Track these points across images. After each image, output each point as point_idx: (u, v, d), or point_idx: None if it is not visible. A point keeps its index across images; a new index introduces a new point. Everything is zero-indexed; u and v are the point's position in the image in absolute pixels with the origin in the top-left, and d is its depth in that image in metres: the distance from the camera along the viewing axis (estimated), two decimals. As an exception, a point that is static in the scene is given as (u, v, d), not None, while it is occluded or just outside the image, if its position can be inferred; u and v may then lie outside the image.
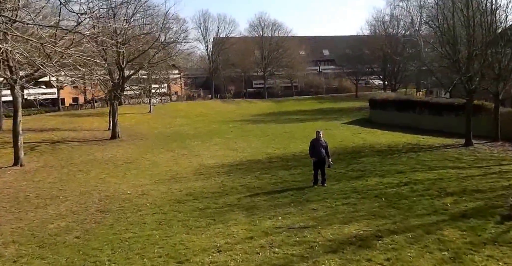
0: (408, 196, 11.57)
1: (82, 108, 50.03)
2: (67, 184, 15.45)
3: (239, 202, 11.65)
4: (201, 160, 19.57)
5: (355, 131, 27.91)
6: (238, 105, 56.72)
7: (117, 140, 27.98)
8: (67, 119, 37.62)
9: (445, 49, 20.70)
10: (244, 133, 30.38)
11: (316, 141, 13.16)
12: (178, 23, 57.18)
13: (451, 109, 25.72)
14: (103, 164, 19.60)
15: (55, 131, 31.48)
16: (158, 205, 11.77)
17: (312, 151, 13.11)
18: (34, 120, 36.62)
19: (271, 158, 19.21)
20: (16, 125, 19.96)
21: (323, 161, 13.03)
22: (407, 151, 19.49)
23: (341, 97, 65.65)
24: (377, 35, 60.70)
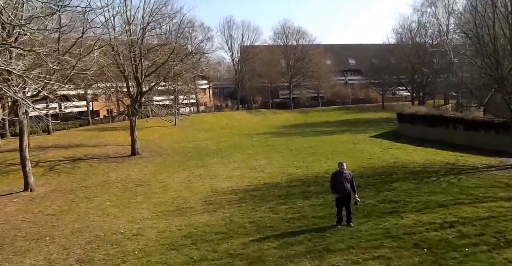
0: (457, 245, 8.59)
1: (115, 120, 48.91)
2: (65, 217, 13.34)
3: (244, 249, 9.03)
4: (215, 182, 17.09)
5: (384, 147, 24.69)
6: (264, 116, 54.16)
7: (136, 156, 26.03)
8: (95, 133, 36.29)
9: (485, 63, 17.24)
10: (267, 147, 27.75)
11: (339, 174, 10.33)
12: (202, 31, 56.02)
13: (489, 126, 22.14)
14: (113, 187, 17.49)
15: (80, 147, 30.01)
16: (148, 252, 9.32)
17: (334, 186, 10.30)
18: (63, 136, 35.55)
19: (291, 180, 16.48)
20: (22, 150, 18.18)
21: (348, 197, 10.21)
22: (446, 172, 16.28)
23: (367, 107, 61.81)
24: (403, 44, 56.53)
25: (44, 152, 27.95)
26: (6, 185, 19.57)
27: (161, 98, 48.86)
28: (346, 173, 10.32)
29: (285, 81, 66.14)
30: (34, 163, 24.35)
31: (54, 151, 28.52)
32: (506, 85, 15.88)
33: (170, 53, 25.78)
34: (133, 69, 26.19)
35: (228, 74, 73.93)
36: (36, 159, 25.60)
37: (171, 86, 40.32)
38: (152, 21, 26.38)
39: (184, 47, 29.78)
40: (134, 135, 26.52)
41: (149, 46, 27.24)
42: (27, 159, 18.40)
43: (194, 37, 49.67)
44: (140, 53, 26.07)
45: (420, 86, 52.78)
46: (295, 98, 68.63)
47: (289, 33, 67.68)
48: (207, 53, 35.33)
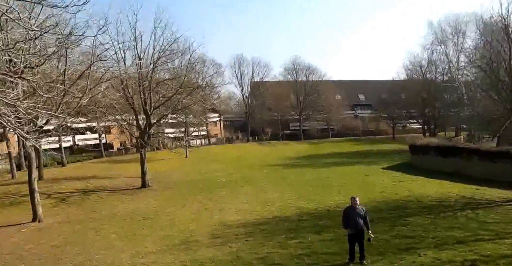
0: (481, 286, 7.82)
1: (128, 152, 48.94)
2: (70, 249, 12.88)
3: (251, 289, 8.39)
4: (224, 215, 16.50)
5: (396, 179, 23.88)
6: (274, 148, 53.73)
7: (146, 188, 25.66)
8: (107, 166, 36.27)
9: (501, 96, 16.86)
10: (277, 180, 27.12)
11: (352, 209, 9.76)
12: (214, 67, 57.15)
13: (505, 156, 21.34)
14: (120, 220, 17.02)
15: (92, 179, 29.88)
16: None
17: (347, 222, 9.70)
18: (77, 168, 35.61)
19: (301, 214, 15.81)
20: (31, 183, 18.02)
21: (361, 233, 9.58)
22: (463, 207, 15.44)
23: (378, 139, 61.01)
24: (414, 80, 56.65)
25: (58, 184, 27.90)
26: (16, 215, 19.32)
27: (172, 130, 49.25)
28: (359, 208, 9.75)
29: (295, 115, 66.23)
30: (47, 195, 24.28)
31: (67, 182, 28.44)
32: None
33: (179, 87, 26.01)
34: (142, 102, 26.35)
35: (239, 108, 74.58)
36: (50, 191, 25.52)
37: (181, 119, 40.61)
38: (162, 56, 26.85)
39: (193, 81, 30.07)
40: (144, 167, 26.30)
41: (158, 80, 27.56)
42: (35, 191, 18.19)
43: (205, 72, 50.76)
44: (149, 87, 26.32)
45: (431, 119, 52.21)
46: (305, 130, 68.35)
47: (299, 70, 68.45)
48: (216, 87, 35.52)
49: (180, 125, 46.60)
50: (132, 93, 26.16)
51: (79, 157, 43.20)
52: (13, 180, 29.77)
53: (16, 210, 20.90)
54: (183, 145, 42.40)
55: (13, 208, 21.40)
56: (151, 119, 27.04)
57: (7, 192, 25.83)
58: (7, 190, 26.29)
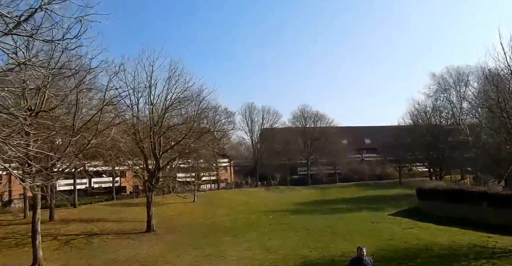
0: None
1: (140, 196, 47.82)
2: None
3: None
4: (224, 264, 15.20)
5: (405, 226, 22.35)
6: (282, 193, 52.14)
7: (151, 233, 24.44)
8: (117, 209, 35.20)
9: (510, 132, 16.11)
10: (283, 226, 25.68)
11: (359, 261, 8.70)
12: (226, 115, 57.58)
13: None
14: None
15: (99, 222, 28.79)
16: None
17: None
18: (87, 210, 34.64)
19: (305, 263, 14.47)
20: (34, 224, 17.18)
21: None
22: (476, 256, 14.02)
23: (384, 184, 59.09)
24: (419, 125, 56.18)
25: (66, 225, 26.94)
26: (18, 258, 18.33)
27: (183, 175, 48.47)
28: (367, 259, 8.68)
29: (303, 159, 65.32)
30: (53, 236, 23.38)
31: (75, 224, 27.47)
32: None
33: (188, 132, 25.78)
34: (151, 146, 26.03)
35: (249, 153, 74.09)
36: (56, 232, 24.58)
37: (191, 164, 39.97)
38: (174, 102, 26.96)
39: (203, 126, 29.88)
40: (150, 211, 25.30)
41: (168, 125, 27.46)
42: (38, 233, 17.28)
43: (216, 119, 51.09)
44: (159, 131, 26.19)
45: (437, 162, 50.84)
46: (313, 174, 66.94)
47: (307, 117, 68.82)
48: (225, 132, 35.29)
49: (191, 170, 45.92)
50: (143, 137, 25.99)
51: (91, 199, 42.50)
52: (24, 220, 28.91)
53: (20, 252, 19.89)
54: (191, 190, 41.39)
55: (18, 250, 20.43)
56: (160, 163, 26.49)
57: (16, 231, 24.96)
58: (16, 230, 25.40)
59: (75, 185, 37.76)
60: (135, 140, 25.37)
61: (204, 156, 39.34)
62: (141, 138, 25.74)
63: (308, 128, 66.55)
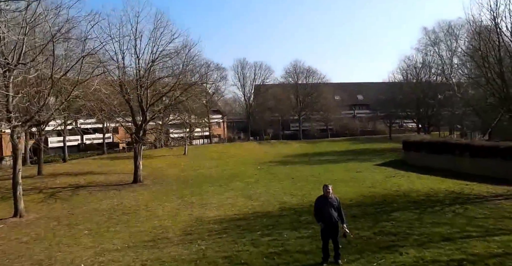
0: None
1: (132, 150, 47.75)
2: (36, 246, 11.52)
3: (204, 293, 6.98)
4: (204, 211, 15.09)
5: (387, 175, 22.34)
6: (273, 147, 52.18)
7: (137, 184, 24.31)
8: (106, 162, 35.02)
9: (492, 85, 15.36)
10: (268, 175, 25.69)
11: (324, 199, 8.35)
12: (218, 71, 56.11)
13: (496, 152, 19.71)
14: (98, 215, 15.65)
15: (87, 175, 28.62)
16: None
17: (319, 214, 8.28)
18: (76, 164, 34.38)
19: (283, 209, 14.38)
20: (15, 175, 16.70)
21: (335, 227, 8.13)
22: (451, 202, 13.92)
23: (375, 139, 59.22)
24: (409, 81, 55.09)
25: (53, 179, 26.68)
26: (1, 210, 18.09)
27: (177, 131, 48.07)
28: (332, 197, 8.31)
29: (295, 115, 64.80)
30: (39, 189, 23.12)
31: (63, 178, 27.19)
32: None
33: (174, 84, 24.88)
34: (138, 99, 25.20)
35: (242, 110, 73.35)
36: (43, 186, 24.33)
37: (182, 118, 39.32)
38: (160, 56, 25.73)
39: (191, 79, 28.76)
40: (137, 162, 24.99)
41: (155, 78, 26.46)
42: (19, 184, 16.87)
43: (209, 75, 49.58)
44: (146, 84, 25.26)
45: (425, 118, 50.57)
46: (304, 130, 66.89)
47: (299, 72, 67.19)
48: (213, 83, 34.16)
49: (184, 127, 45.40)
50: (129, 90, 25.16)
51: (83, 155, 42.47)
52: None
53: (5, 205, 19.64)
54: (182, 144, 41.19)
55: (3, 203, 20.19)
56: (146, 116, 25.80)
57: (3, 186, 24.73)
58: (4, 185, 25.17)
59: (65, 140, 37.25)
60: (121, 92, 24.56)
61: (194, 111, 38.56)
62: (127, 90, 24.90)
63: (301, 85, 65.31)
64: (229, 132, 70.58)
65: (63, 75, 17.64)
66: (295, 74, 66.88)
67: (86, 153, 44.97)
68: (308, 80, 66.77)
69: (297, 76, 66.99)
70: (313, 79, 67.40)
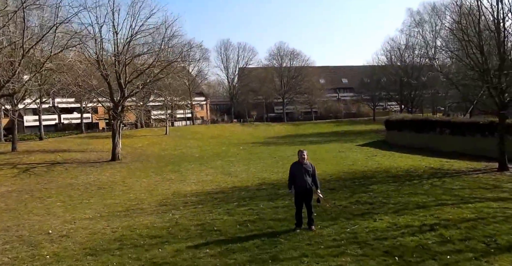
0: (437, 252, 6.45)
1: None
2: (4, 215, 11.26)
3: (174, 257, 6.86)
4: (182, 186, 14.95)
5: (369, 154, 22.55)
6: (256, 128, 52.07)
7: (115, 162, 23.94)
8: (85, 140, 34.29)
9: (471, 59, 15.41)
10: (251, 155, 25.64)
11: (299, 165, 8.28)
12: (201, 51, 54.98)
13: (476, 129, 20.12)
14: (74, 189, 15.37)
15: (65, 152, 28.01)
16: (61, 257, 7.19)
17: (293, 180, 8.22)
18: (53, 142, 33.59)
19: (262, 184, 14.35)
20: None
21: (309, 192, 8.10)
22: (429, 176, 14.14)
23: (359, 121, 59.78)
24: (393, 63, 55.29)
25: (28, 155, 26.03)
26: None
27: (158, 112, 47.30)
28: (307, 163, 8.24)
29: (279, 98, 64.59)
30: (13, 165, 22.60)
31: (38, 155, 26.57)
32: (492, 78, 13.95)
33: (153, 60, 24.32)
34: (116, 75, 24.54)
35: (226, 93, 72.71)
36: (17, 162, 23.75)
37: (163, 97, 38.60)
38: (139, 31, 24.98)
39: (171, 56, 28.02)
40: (115, 139, 24.52)
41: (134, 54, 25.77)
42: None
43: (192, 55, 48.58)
44: (124, 61, 24.60)
45: (409, 100, 51.20)
46: (289, 113, 66.92)
47: (284, 55, 66.61)
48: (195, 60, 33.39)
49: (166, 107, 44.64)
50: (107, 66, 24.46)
51: (61, 134, 41.57)
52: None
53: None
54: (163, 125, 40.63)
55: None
56: (125, 92, 25.18)
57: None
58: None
59: (41, 118, 36.25)
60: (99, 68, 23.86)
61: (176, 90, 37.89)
62: (105, 66, 24.20)
63: (285, 68, 64.90)
64: (213, 114, 70.03)
65: (35, 45, 16.93)
66: (279, 57, 66.35)
67: (63, 132, 44.11)
68: (293, 62, 66.39)
69: (281, 58, 66.48)
70: (297, 61, 67.04)
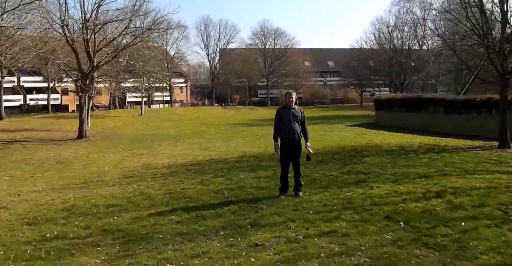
0: (448, 218, 5.53)
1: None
2: None
3: (131, 225, 5.76)
4: (153, 160, 13.72)
5: (358, 133, 21.74)
6: (239, 111, 50.85)
7: (82, 140, 22.43)
8: (51, 121, 32.44)
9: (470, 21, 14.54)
10: (232, 134, 24.54)
11: (286, 109, 7.06)
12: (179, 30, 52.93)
13: (472, 107, 19.45)
14: (28, 164, 13.93)
15: (28, 131, 26.27)
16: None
17: (279, 128, 7.06)
18: (16, 122, 31.69)
19: (242, 156, 13.28)
20: None
21: (298, 147, 7.02)
22: (426, 151, 13.33)
23: (346, 106, 59.29)
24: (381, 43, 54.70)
25: (-15, 134, 24.21)
26: None
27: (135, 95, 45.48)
28: (296, 108, 7.06)
29: (264, 81, 63.35)
30: (-35, 144, 20.80)
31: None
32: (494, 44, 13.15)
33: (125, 28, 22.72)
34: (84, 43, 22.84)
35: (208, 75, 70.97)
36: (-29, 141, 21.96)
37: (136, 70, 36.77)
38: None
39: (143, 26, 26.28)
40: (83, 115, 22.95)
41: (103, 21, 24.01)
42: None
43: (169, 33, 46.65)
44: (93, 28, 22.89)
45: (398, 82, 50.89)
46: (273, 98, 65.92)
47: (267, 33, 65.12)
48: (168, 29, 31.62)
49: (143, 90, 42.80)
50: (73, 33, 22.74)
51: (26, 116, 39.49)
52: None
53: None
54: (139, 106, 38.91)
55: None
56: (94, 62, 23.52)
57: None
58: None
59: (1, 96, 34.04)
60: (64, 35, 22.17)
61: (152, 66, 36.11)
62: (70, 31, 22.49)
63: (269, 48, 63.53)
64: (193, 98, 68.38)
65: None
66: (263, 36, 64.90)
67: (29, 114, 42.02)
68: (277, 42, 65.06)
69: (265, 37, 65.04)
70: (282, 41, 65.70)
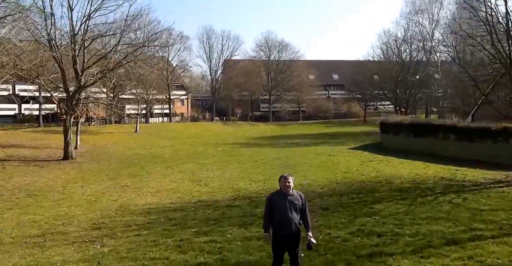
0: None
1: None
2: None
3: None
4: (135, 196, 12.09)
5: (364, 159, 20.08)
6: (239, 128, 49.34)
7: (67, 161, 20.87)
8: (40, 135, 30.91)
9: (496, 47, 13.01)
10: (229, 157, 22.90)
11: (281, 196, 5.37)
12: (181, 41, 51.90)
13: (486, 135, 17.95)
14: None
15: (13, 147, 24.78)
16: None
17: (270, 218, 5.39)
18: (4, 135, 30.15)
19: (236, 198, 11.62)
20: None
21: (295, 237, 5.31)
22: (444, 190, 11.71)
23: (349, 122, 57.76)
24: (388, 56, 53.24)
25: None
26: None
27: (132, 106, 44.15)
28: (294, 194, 5.40)
29: (266, 94, 62.01)
30: None
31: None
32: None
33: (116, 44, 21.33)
34: (72, 60, 21.43)
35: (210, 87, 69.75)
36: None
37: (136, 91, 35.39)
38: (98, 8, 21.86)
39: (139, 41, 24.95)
40: (68, 137, 21.49)
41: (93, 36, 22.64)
42: None
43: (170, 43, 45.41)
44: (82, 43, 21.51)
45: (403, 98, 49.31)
46: (276, 112, 64.48)
47: (271, 45, 64.06)
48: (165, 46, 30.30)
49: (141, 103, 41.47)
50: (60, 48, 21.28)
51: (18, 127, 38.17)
52: None
53: None
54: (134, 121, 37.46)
55: None
56: (81, 81, 22.06)
57: None
58: None
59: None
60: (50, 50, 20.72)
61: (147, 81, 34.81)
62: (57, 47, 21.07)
63: (273, 61, 62.36)
64: (194, 111, 66.92)
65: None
66: (267, 48, 63.82)
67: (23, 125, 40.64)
68: (281, 55, 63.93)
69: (269, 49, 63.95)
70: (286, 54, 64.60)
